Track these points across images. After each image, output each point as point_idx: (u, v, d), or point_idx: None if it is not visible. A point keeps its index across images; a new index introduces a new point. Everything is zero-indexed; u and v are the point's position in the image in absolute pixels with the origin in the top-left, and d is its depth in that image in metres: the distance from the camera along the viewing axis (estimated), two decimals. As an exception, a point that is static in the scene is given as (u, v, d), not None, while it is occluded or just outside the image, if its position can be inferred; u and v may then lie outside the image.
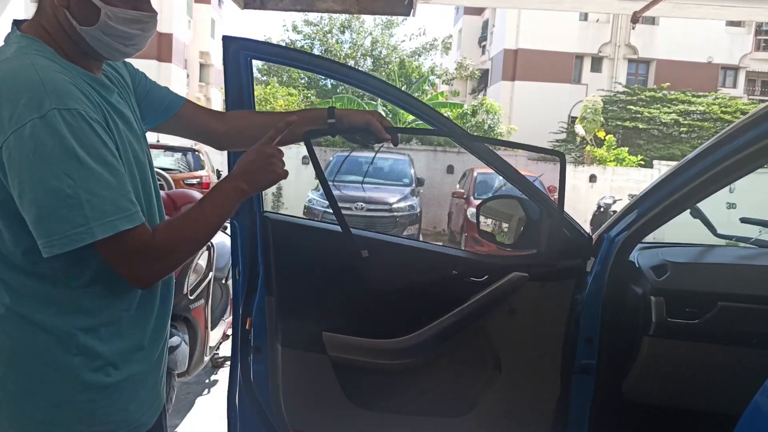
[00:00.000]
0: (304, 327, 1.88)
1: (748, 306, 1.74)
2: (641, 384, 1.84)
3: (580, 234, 1.87)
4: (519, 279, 1.85)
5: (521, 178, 1.82)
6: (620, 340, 1.83)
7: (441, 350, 1.92)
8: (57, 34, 1.08)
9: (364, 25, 22.05)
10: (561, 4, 6.11)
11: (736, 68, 25.27)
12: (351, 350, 1.89)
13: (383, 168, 11.59)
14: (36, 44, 1.05)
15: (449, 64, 25.39)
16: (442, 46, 25.23)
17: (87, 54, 1.11)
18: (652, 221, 1.78)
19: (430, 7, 17.12)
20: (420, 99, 1.84)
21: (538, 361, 1.90)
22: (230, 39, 1.58)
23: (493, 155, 1.82)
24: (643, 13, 4.50)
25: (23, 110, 0.94)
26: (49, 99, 0.96)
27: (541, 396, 1.91)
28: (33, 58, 1.01)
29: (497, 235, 2.19)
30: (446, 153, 14.55)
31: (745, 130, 1.63)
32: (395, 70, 19.88)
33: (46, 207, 0.94)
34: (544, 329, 1.89)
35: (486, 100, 19.52)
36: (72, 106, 0.97)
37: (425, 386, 1.96)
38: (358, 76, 1.75)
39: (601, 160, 17.15)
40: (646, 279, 1.81)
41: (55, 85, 0.98)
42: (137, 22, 1.10)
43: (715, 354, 1.78)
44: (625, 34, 24.04)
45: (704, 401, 1.83)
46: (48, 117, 0.94)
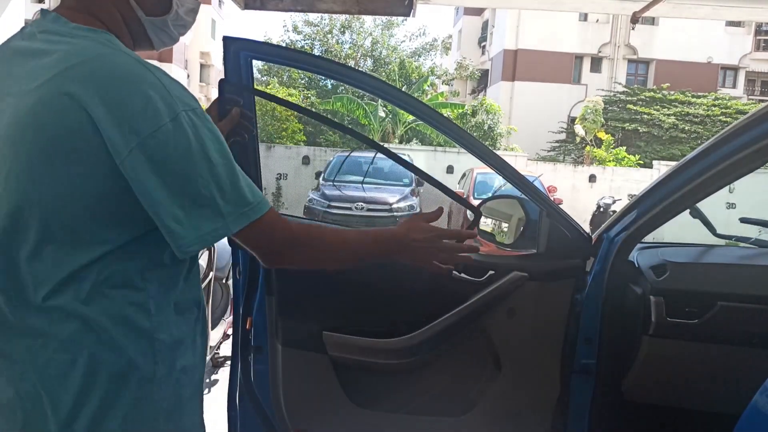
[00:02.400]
0: (304, 326, 1.88)
1: (748, 306, 1.74)
2: (641, 384, 1.84)
3: (579, 234, 1.87)
4: (519, 279, 1.85)
5: (521, 178, 1.82)
6: (620, 340, 1.83)
7: (441, 350, 1.92)
8: (113, 23, 1.02)
9: (364, 26, 22.07)
10: (561, 5, 6.12)
11: (735, 68, 25.29)
12: (351, 350, 1.89)
13: (383, 168, 11.60)
14: (114, 38, 0.99)
15: (449, 65, 25.39)
16: (442, 47, 25.24)
17: (135, 43, 1.08)
18: (651, 221, 1.78)
19: (430, 8, 17.14)
20: (420, 99, 1.84)
21: (538, 361, 1.90)
22: (230, 39, 1.58)
23: (493, 155, 1.82)
24: (643, 14, 4.51)
25: (153, 114, 0.90)
26: (175, 101, 0.93)
27: (541, 396, 1.91)
28: (133, 55, 0.96)
29: (497, 235, 2.19)
30: (446, 153, 14.56)
31: (745, 130, 1.63)
32: (395, 71, 19.89)
33: (188, 206, 0.92)
34: (544, 329, 1.89)
35: (486, 100, 19.55)
36: (193, 105, 0.95)
37: (425, 386, 1.96)
38: (359, 77, 1.75)
39: (600, 161, 17.16)
40: (646, 279, 1.82)
41: (174, 85, 0.95)
42: (194, 11, 1.12)
43: (715, 354, 1.78)
44: (624, 35, 24.06)
45: (704, 401, 1.83)
46: (179, 119, 0.92)
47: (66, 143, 0.90)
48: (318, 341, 1.88)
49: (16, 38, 1.01)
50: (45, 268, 0.93)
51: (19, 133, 0.91)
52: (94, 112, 0.89)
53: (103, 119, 0.89)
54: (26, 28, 1.02)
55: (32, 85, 0.92)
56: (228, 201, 0.95)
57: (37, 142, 0.90)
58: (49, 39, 0.96)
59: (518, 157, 15.56)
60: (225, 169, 0.95)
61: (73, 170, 0.90)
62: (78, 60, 0.91)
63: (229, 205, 0.95)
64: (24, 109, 0.91)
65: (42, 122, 0.90)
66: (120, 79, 0.91)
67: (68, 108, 0.89)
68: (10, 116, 0.93)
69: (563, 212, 1.87)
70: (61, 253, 0.93)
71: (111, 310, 0.95)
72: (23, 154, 0.92)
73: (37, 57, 0.95)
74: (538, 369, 1.91)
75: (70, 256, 0.93)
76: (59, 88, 0.90)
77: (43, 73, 0.92)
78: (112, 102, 0.89)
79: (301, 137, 17.36)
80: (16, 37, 1.02)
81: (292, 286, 1.86)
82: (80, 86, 0.89)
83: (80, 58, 0.91)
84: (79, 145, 0.90)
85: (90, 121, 0.89)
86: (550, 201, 1.88)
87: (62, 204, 0.91)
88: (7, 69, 0.98)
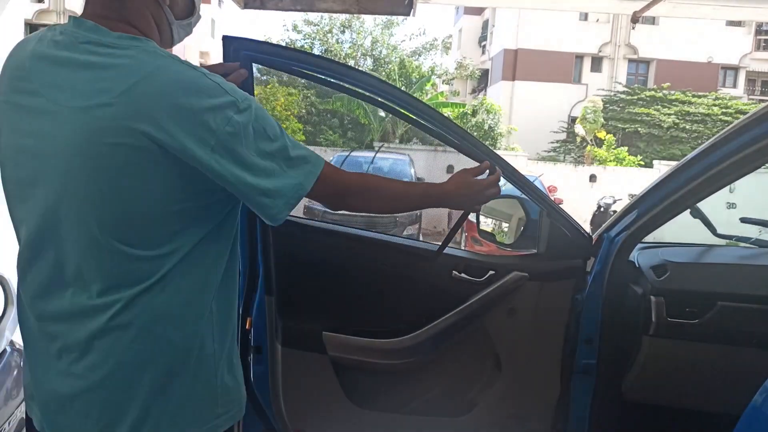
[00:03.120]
0: (304, 327, 1.88)
1: (748, 306, 1.74)
2: (641, 384, 1.84)
3: (579, 234, 1.87)
4: (519, 279, 1.85)
5: (521, 178, 1.82)
6: (620, 340, 1.83)
7: (441, 350, 1.92)
8: (148, 28, 1.06)
9: (364, 25, 22.04)
10: (561, 4, 6.11)
11: (736, 68, 25.27)
12: (351, 350, 1.89)
13: (383, 168, 11.59)
14: (156, 44, 1.02)
15: (449, 64, 25.38)
16: (442, 46, 25.22)
17: (161, 44, 1.10)
18: (652, 221, 1.78)
19: (430, 7, 17.14)
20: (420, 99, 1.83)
21: (538, 361, 1.90)
22: (230, 39, 1.57)
23: (493, 155, 1.82)
24: (643, 13, 4.50)
25: (219, 112, 0.97)
26: (232, 94, 1.00)
27: (541, 396, 1.91)
28: (183, 60, 1.01)
29: (497, 235, 2.19)
30: (446, 153, 14.55)
31: (745, 130, 1.63)
32: (395, 70, 19.87)
33: (270, 181, 1.02)
34: (544, 329, 1.89)
35: (486, 100, 19.54)
36: (244, 94, 1.02)
37: (425, 386, 1.96)
38: (363, 78, 1.72)
39: (601, 160, 17.16)
40: (646, 279, 1.81)
41: (225, 82, 1.02)
42: (201, 8, 1.19)
43: (715, 354, 1.78)
44: (625, 34, 24.04)
45: (704, 401, 1.83)
46: (240, 109, 0.99)
47: (135, 161, 0.94)
48: (318, 341, 1.88)
49: (42, 45, 1.01)
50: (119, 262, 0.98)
51: (86, 149, 0.94)
52: (164, 127, 0.93)
53: (174, 131, 0.94)
54: (48, 34, 1.01)
55: (94, 101, 0.94)
56: (296, 165, 1.05)
57: (104, 159, 0.94)
58: (95, 50, 0.97)
59: (518, 157, 15.55)
60: (284, 140, 1.05)
61: (141, 184, 0.96)
62: (140, 76, 0.94)
63: (297, 169, 1.05)
64: (88, 127, 0.94)
65: (111, 141, 0.93)
66: (184, 89, 0.95)
67: (138, 127, 0.93)
68: (71, 131, 0.94)
69: (563, 212, 1.87)
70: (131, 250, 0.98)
71: (179, 298, 1.02)
72: (90, 170, 0.94)
73: (89, 69, 0.96)
74: (538, 369, 1.91)
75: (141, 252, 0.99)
76: (127, 106, 0.93)
77: (104, 88, 0.94)
78: (180, 113, 0.94)
79: (301, 137, 17.35)
80: (42, 44, 1.01)
81: (291, 286, 1.86)
82: (148, 103, 0.93)
83: (141, 74, 0.95)
84: (148, 162, 0.94)
85: (160, 137, 0.93)
86: (551, 201, 1.88)
87: (129, 212, 0.97)
88: (50, 79, 0.98)
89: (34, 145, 0.98)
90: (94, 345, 0.99)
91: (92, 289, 0.99)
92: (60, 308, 1.01)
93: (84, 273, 0.99)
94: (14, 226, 1.07)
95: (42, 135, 0.97)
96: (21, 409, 1.96)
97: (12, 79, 1.01)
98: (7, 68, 1.04)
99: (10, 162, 1.03)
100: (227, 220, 1.09)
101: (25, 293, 1.06)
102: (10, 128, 1.01)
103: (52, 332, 1.02)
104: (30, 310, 1.05)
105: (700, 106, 20.55)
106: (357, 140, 18.74)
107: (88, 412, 1.01)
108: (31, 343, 1.07)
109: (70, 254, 0.99)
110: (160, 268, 1.00)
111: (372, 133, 18.06)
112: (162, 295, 1.00)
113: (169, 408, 1.03)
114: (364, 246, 1.93)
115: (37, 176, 0.99)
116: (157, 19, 1.07)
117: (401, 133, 18.27)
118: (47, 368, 1.03)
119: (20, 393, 1.98)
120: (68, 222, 0.97)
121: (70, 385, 1.01)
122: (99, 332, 0.98)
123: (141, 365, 1.01)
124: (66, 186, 0.96)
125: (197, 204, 1.02)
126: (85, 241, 0.97)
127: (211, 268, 1.07)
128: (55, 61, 0.98)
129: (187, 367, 1.04)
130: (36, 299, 1.04)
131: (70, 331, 1.00)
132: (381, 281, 1.92)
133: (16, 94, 1.00)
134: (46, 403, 1.04)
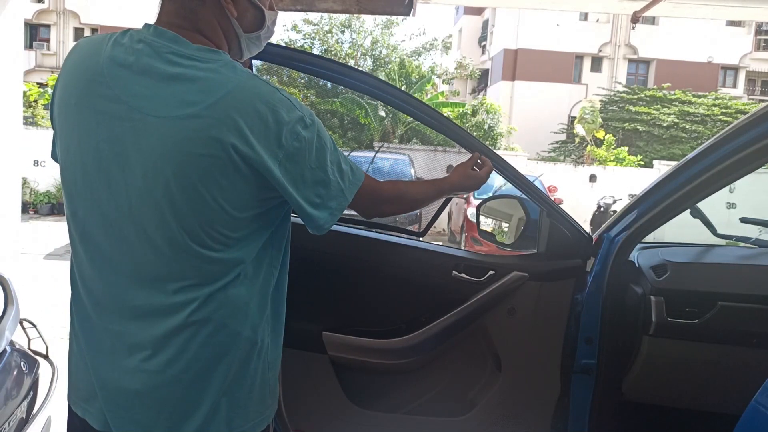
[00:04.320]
0: (304, 327, 1.88)
1: (748, 306, 1.74)
2: (641, 384, 1.84)
3: (579, 234, 1.87)
4: (519, 279, 1.85)
5: (521, 178, 1.82)
6: (620, 340, 1.83)
7: (441, 350, 1.92)
8: (218, 40, 1.10)
9: (364, 25, 22.03)
10: (561, 4, 6.12)
11: (736, 68, 25.28)
12: (351, 350, 1.89)
13: (383, 168, 11.59)
14: (231, 59, 1.06)
15: (449, 64, 25.37)
16: (442, 46, 25.21)
17: (230, 55, 1.14)
18: (652, 221, 1.78)
19: (430, 7, 17.15)
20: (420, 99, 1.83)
21: (538, 361, 1.90)
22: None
23: (493, 155, 1.82)
24: (643, 13, 4.50)
25: (291, 127, 1.02)
26: (299, 111, 1.05)
27: (541, 396, 1.91)
28: (258, 77, 1.05)
29: (497, 235, 2.19)
30: (446, 153, 14.56)
31: (745, 130, 1.63)
32: (395, 70, 19.86)
33: (321, 193, 1.09)
34: (544, 329, 1.89)
35: (486, 100, 19.52)
36: (308, 111, 1.08)
37: (425, 386, 1.96)
38: (360, 77, 1.73)
39: (601, 160, 17.16)
40: (646, 279, 1.81)
41: (293, 97, 1.07)
42: (276, 21, 1.21)
43: (715, 354, 1.78)
44: (625, 34, 24.05)
45: (704, 401, 1.83)
46: (307, 125, 1.05)
47: (218, 170, 0.99)
48: (318, 341, 1.88)
49: (120, 51, 1.02)
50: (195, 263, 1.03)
51: (171, 157, 0.98)
52: (248, 140, 0.98)
53: (255, 143, 0.99)
54: (124, 40, 1.03)
55: (182, 111, 0.98)
56: (343, 179, 1.12)
57: (188, 168, 0.98)
58: (178, 62, 1.01)
59: (518, 157, 15.55)
60: (337, 155, 1.12)
61: (218, 192, 1.00)
62: (226, 90, 0.99)
63: (344, 182, 1.12)
64: (175, 136, 0.98)
65: (199, 151, 0.97)
66: (262, 104, 1.00)
67: (226, 139, 0.97)
68: (157, 140, 0.98)
69: (563, 212, 1.87)
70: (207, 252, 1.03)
71: (250, 294, 1.09)
72: (172, 177, 0.98)
73: (174, 80, 1.00)
74: (538, 369, 1.91)
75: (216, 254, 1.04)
76: (216, 119, 0.97)
77: (192, 100, 0.98)
78: (258, 127, 1.00)
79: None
80: (120, 49, 1.02)
81: (291, 286, 1.85)
82: (235, 116, 0.98)
83: (227, 88, 0.99)
84: (229, 171, 0.99)
85: (244, 150, 0.98)
86: (551, 201, 1.87)
87: (206, 217, 1.01)
88: (133, 87, 1.00)
89: (111, 150, 1.00)
90: (170, 341, 1.03)
91: (168, 288, 1.03)
92: (133, 307, 1.04)
93: (161, 274, 1.03)
94: (73, 226, 1.09)
95: (123, 141, 0.99)
96: (21, 409, 1.96)
97: (89, 82, 1.02)
98: (80, 70, 1.04)
99: (78, 165, 1.04)
100: (281, 225, 1.16)
101: (88, 295, 1.08)
102: (85, 132, 1.02)
103: (119, 331, 1.05)
104: (93, 310, 1.08)
105: (700, 106, 20.55)
106: (357, 140, 18.73)
107: (161, 407, 1.04)
108: (93, 343, 1.09)
109: (147, 256, 1.02)
110: (233, 269, 1.05)
111: (372, 133, 18.05)
112: (235, 291, 1.06)
113: (236, 401, 1.09)
114: (364, 245, 1.93)
115: (111, 181, 1.01)
116: (225, 31, 1.11)
117: (401, 132, 18.27)
118: (113, 366, 1.05)
119: (20, 393, 1.98)
120: (145, 225, 1.01)
121: (142, 382, 1.03)
122: (176, 329, 1.03)
123: (216, 358, 1.06)
124: (146, 191, 0.99)
125: (262, 210, 1.07)
126: (163, 244, 1.01)
127: (269, 269, 1.14)
128: (137, 69, 1.00)
129: (251, 360, 1.10)
130: (103, 300, 1.06)
131: (143, 328, 1.03)
132: (381, 281, 1.92)
133: (94, 98, 1.01)
134: (114, 400, 1.06)
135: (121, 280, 1.04)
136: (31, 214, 12.44)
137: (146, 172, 0.99)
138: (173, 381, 1.03)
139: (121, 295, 1.04)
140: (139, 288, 1.03)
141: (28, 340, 2.28)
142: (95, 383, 1.08)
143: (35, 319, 2.32)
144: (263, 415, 1.15)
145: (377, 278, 1.92)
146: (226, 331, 1.06)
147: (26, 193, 12.47)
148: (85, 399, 1.11)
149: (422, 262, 1.93)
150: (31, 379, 2.08)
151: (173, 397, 1.04)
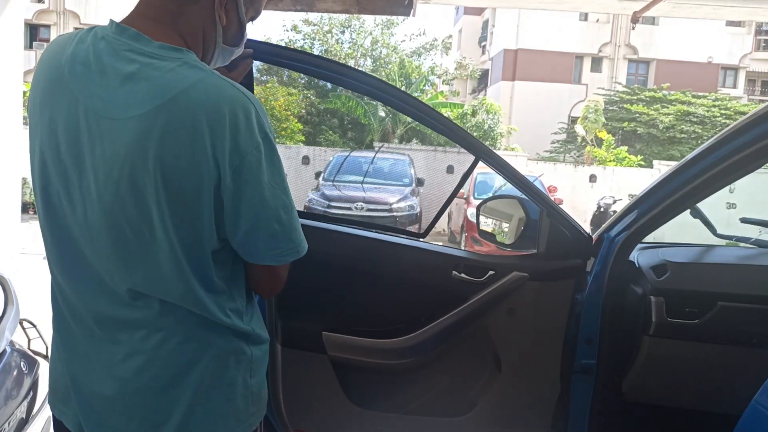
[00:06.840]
0: (304, 327, 1.88)
1: (748, 306, 1.74)
2: (641, 384, 1.84)
3: (579, 234, 1.87)
4: (519, 279, 1.85)
5: (521, 178, 1.82)
6: (620, 340, 1.83)
7: (441, 350, 1.92)
8: (194, 42, 1.03)
9: (364, 25, 22.04)
10: (561, 4, 6.12)
11: (736, 68, 25.29)
12: (351, 350, 1.89)
13: (383, 168, 11.61)
14: (196, 57, 1.00)
15: (449, 64, 25.37)
16: (442, 46, 25.22)
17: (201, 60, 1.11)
18: (652, 221, 1.78)
19: (430, 7, 17.14)
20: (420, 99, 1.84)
21: (538, 361, 1.90)
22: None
23: (493, 155, 1.82)
24: (643, 13, 4.51)
25: (251, 134, 0.95)
26: (264, 122, 0.98)
27: (541, 396, 1.91)
28: (222, 77, 0.98)
29: (497, 235, 2.19)
30: (446, 153, 14.56)
31: (745, 130, 1.63)
32: (395, 70, 19.87)
33: (284, 222, 1.02)
34: (544, 329, 1.89)
35: (486, 100, 19.54)
36: (271, 128, 1.00)
37: (425, 386, 1.96)
38: (359, 77, 1.73)
39: (601, 160, 17.16)
40: (646, 279, 1.81)
41: (260, 106, 0.99)
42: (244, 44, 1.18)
43: (715, 354, 1.78)
44: (625, 34, 24.06)
45: (704, 401, 1.83)
46: (268, 138, 0.98)
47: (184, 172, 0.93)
48: (318, 341, 1.88)
49: (82, 48, 0.98)
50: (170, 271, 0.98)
51: (123, 159, 0.93)
52: (202, 139, 0.92)
53: (210, 145, 0.92)
54: (88, 37, 0.99)
55: (131, 113, 0.93)
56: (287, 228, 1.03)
57: (135, 173, 0.93)
58: (136, 60, 0.95)
59: (518, 157, 15.56)
60: (289, 213, 1.04)
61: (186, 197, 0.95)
62: (179, 89, 0.93)
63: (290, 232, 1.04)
64: (125, 138, 0.92)
65: (150, 151, 0.92)
66: (222, 104, 0.94)
67: (185, 137, 0.92)
68: (111, 143, 0.93)
69: (563, 212, 1.87)
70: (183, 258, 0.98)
71: (224, 305, 1.04)
72: (128, 180, 0.93)
73: (129, 79, 0.94)
74: (538, 369, 1.91)
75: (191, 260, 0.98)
76: (167, 118, 0.92)
77: (143, 99, 0.93)
78: (217, 127, 0.93)
79: (301, 137, 17.35)
80: (82, 47, 0.98)
81: (291, 286, 1.85)
82: (187, 116, 0.92)
83: (180, 87, 0.93)
84: (194, 174, 0.93)
85: (201, 148, 0.92)
86: (551, 201, 1.88)
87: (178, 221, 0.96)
88: (90, 86, 0.96)
89: (69, 152, 0.96)
90: (139, 349, 1.00)
91: (138, 297, 0.99)
92: (109, 313, 1.01)
93: (115, 281, 0.99)
94: (46, 228, 1.05)
95: (79, 144, 0.95)
96: (21, 409, 1.96)
97: (52, 82, 0.99)
98: (45, 69, 1.01)
99: (42, 166, 1.01)
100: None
101: (63, 297, 1.06)
102: (46, 133, 0.99)
103: (92, 335, 1.02)
104: (68, 312, 1.05)
105: (700, 106, 20.56)
106: (357, 140, 18.75)
107: (132, 414, 1.01)
108: (69, 346, 1.06)
109: (108, 264, 0.98)
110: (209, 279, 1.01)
111: (372, 133, 18.06)
112: (209, 301, 1.01)
113: (212, 409, 1.05)
114: (364, 246, 1.93)
115: (69, 185, 0.97)
116: (206, 36, 1.05)
117: (401, 133, 18.27)
118: (86, 370, 1.03)
119: (20, 393, 1.98)
120: (101, 232, 0.97)
121: (114, 388, 1.01)
122: (145, 337, 0.99)
123: (187, 366, 1.01)
124: (98, 197, 0.95)
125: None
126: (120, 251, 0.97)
127: (244, 279, 1.09)
128: (95, 67, 0.96)
129: (228, 369, 1.06)
130: (81, 303, 1.03)
131: (117, 334, 1.01)
132: (381, 281, 1.92)
133: (53, 96, 0.98)
134: (89, 403, 1.04)
135: (87, 287, 1.01)
136: (31, 214, 12.42)
137: (98, 176, 0.94)
138: (144, 388, 1.01)
139: (90, 301, 1.01)
140: (105, 295, 1.00)
141: (28, 340, 2.28)
142: (70, 386, 1.06)
143: (35, 319, 2.32)
144: (245, 423, 1.10)
145: (377, 278, 1.92)
146: (195, 339, 1.02)
147: (26, 193, 12.46)
148: (61, 400, 1.09)
149: (422, 262, 1.93)
150: (31, 379, 2.08)
151: (144, 404, 1.01)
